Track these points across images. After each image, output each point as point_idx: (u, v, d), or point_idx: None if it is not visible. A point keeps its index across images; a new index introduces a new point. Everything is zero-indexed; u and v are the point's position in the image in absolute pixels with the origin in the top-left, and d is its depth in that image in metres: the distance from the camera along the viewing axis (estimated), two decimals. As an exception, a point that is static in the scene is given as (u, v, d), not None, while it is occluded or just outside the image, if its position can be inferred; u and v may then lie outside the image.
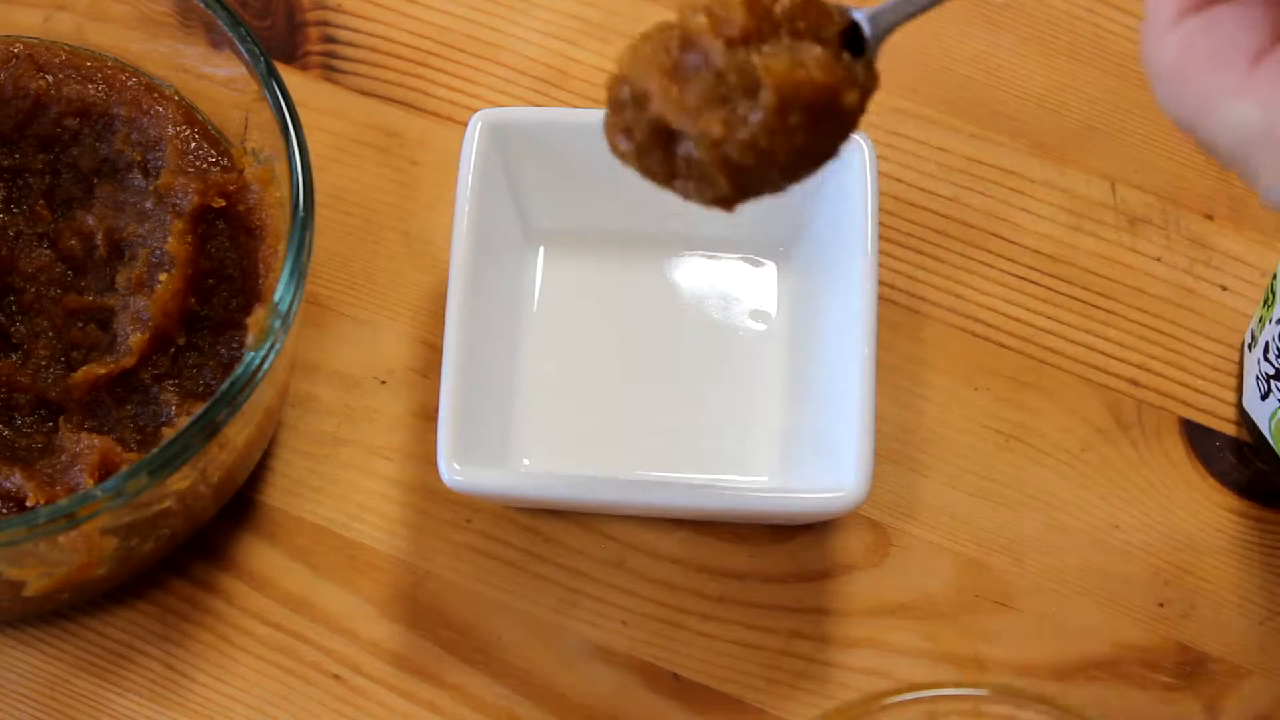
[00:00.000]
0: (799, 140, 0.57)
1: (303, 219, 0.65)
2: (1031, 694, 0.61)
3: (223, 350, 0.69)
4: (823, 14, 0.58)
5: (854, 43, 0.58)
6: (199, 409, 0.63)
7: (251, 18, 0.79)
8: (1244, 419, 0.73)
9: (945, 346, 0.74)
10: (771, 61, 0.56)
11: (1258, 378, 0.70)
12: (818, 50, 0.57)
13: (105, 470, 0.66)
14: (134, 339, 0.68)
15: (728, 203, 0.58)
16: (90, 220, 0.71)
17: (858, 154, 0.70)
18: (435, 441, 0.67)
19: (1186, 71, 0.48)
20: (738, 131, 0.56)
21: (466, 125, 0.71)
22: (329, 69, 0.79)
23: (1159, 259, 0.76)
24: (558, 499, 0.70)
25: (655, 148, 0.58)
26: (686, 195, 0.58)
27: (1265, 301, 0.70)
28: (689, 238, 0.73)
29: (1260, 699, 0.70)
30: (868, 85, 0.58)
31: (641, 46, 0.59)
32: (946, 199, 0.77)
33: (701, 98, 0.57)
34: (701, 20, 0.58)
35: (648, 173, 0.58)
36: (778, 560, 0.72)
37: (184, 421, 0.64)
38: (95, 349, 0.70)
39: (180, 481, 0.65)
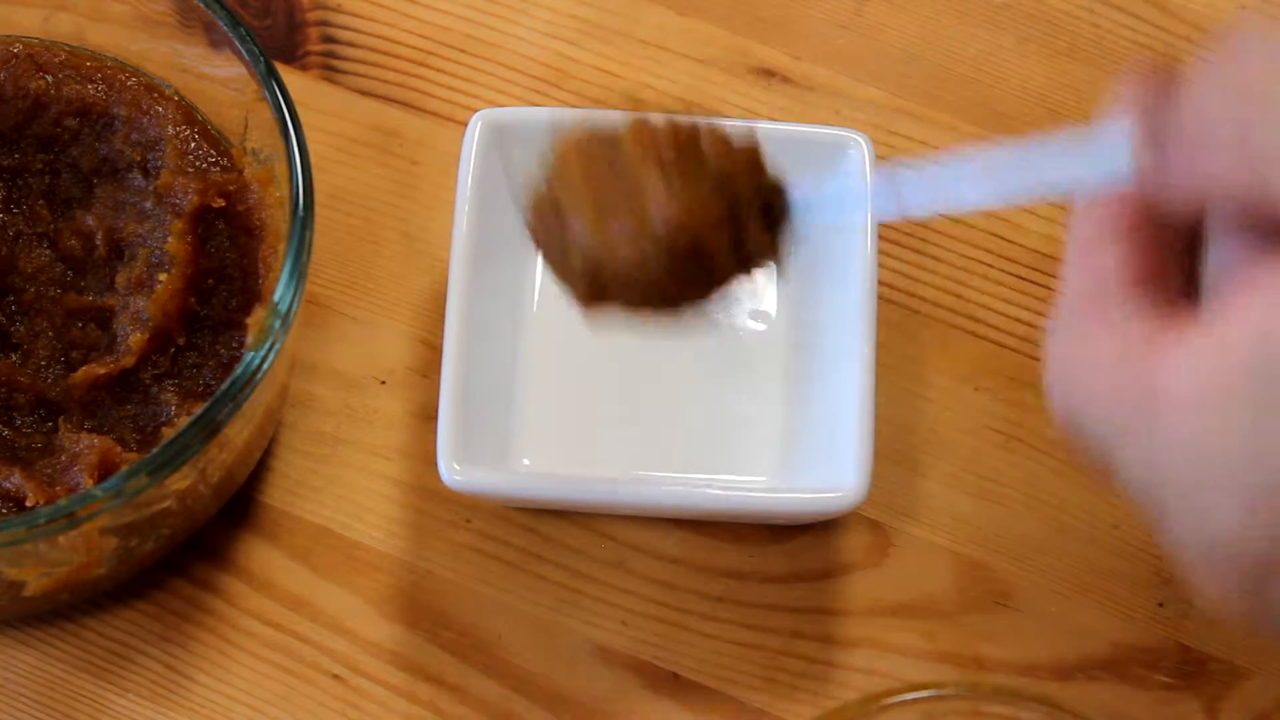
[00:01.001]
0: (658, 271, 0.58)
1: (303, 219, 0.65)
2: (1031, 694, 0.61)
3: (223, 350, 0.69)
4: (756, 174, 0.59)
5: (774, 212, 0.59)
6: (199, 409, 0.63)
7: (251, 18, 0.79)
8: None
9: (945, 346, 0.74)
10: (668, 195, 0.57)
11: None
12: (704, 194, 0.58)
13: (105, 470, 0.66)
14: (134, 339, 0.68)
15: (580, 298, 0.59)
16: (90, 220, 0.71)
17: (858, 154, 0.70)
18: (435, 441, 0.67)
19: (1069, 364, 0.50)
20: (607, 234, 0.58)
21: (466, 125, 0.71)
22: (329, 69, 0.79)
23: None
24: (558, 499, 0.70)
25: (552, 220, 0.60)
26: (556, 271, 0.60)
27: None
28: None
29: (1260, 699, 0.69)
30: (758, 254, 0.59)
31: (579, 127, 0.60)
32: (946, 199, 0.77)
33: (594, 188, 0.58)
34: (632, 126, 0.59)
35: (533, 233, 0.60)
36: (778, 560, 0.71)
37: (184, 421, 0.64)
38: (95, 349, 0.70)
39: (180, 481, 0.65)
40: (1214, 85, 0.47)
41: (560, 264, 0.60)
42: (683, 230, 0.57)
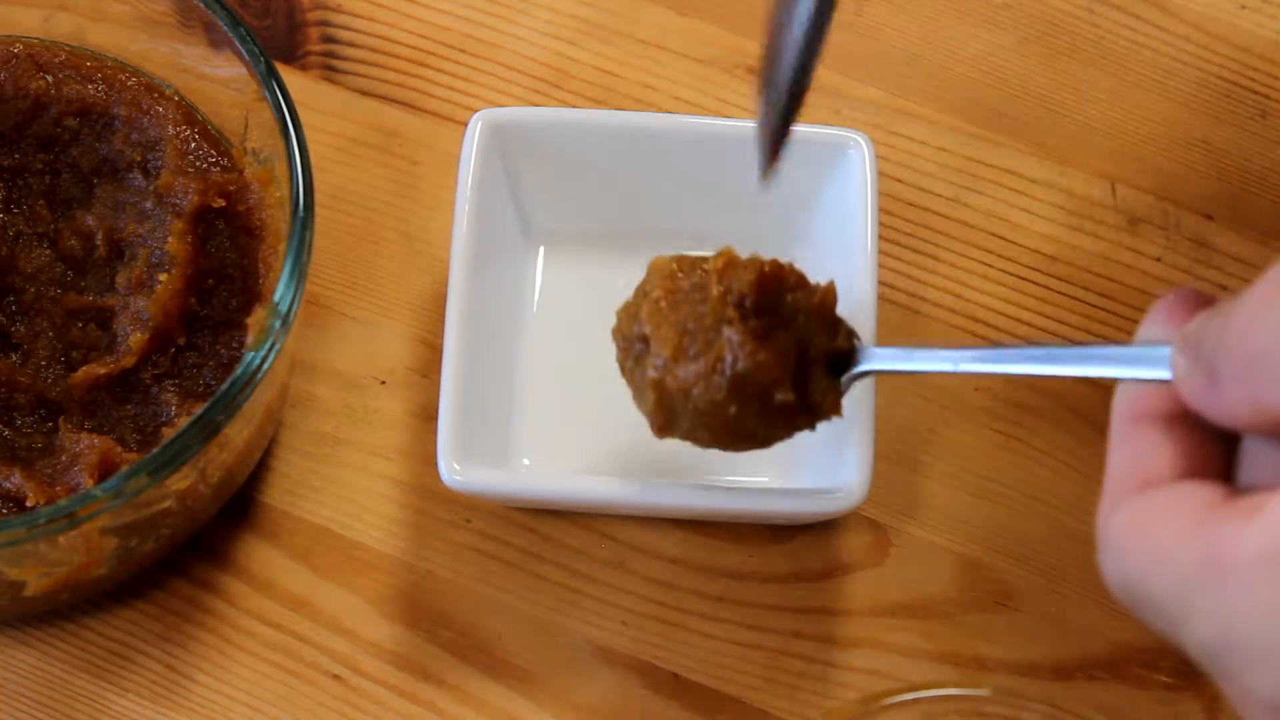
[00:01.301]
0: (726, 414, 0.63)
1: (303, 219, 0.65)
2: (1031, 694, 0.61)
3: (223, 350, 0.69)
4: (829, 323, 0.63)
5: (839, 363, 0.64)
6: (199, 409, 0.63)
7: (251, 18, 0.79)
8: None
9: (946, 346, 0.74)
10: (747, 342, 0.62)
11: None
12: (777, 349, 0.62)
13: (105, 470, 0.66)
14: (134, 339, 0.68)
15: (654, 426, 0.64)
16: (90, 220, 0.71)
17: (858, 154, 0.70)
18: (435, 441, 0.67)
19: (1128, 540, 0.51)
20: (681, 372, 0.62)
21: (466, 125, 0.71)
22: (329, 69, 0.79)
23: (1159, 259, 0.76)
24: (558, 499, 0.70)
25: (638, 348, 0.64)
26: (636, 397, 0.65)
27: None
28: (689, 238, 0.73)
29: (1260, 699, 0.69)
30: (822, 408, 0.63)
31: (673, 258, 0.65)
32: (946, 199, 0.77)
33: (676, 324, 0.63)
34: (719, 262, 0.63)
35: (621, 356, 0.65)
36: (778, 560, 0.72)
37: (184, 421, 0.64)
38: (95, 349, 0.70)
39: (180, 481, 0.65)
40: (1269, 314, 0.48)
41: (638, 390, 0.64)
42: (752, 381, 0.62)
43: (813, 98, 0.78)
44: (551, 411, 0.72)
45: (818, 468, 0.69)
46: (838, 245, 0.70)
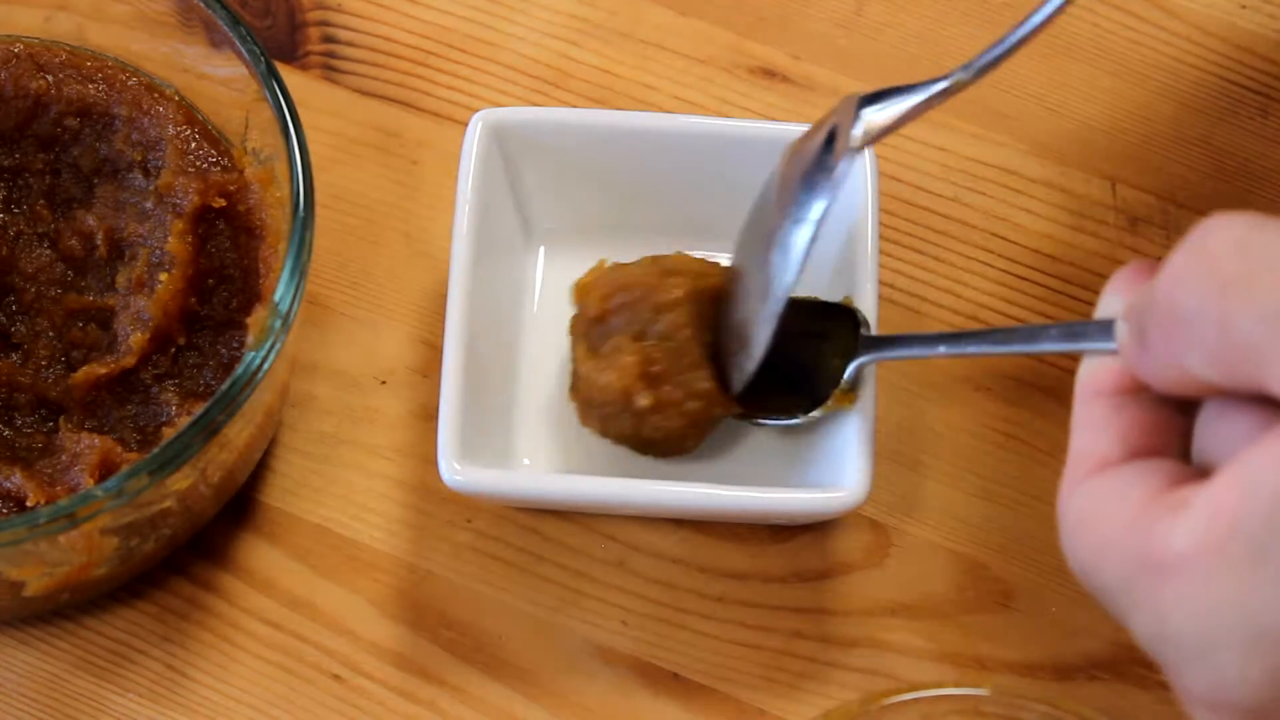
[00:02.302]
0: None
1: (303, 219, 0.65)
2: (1031, 694, 0.61)
3: (223, 350, 0.69)
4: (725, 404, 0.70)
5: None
6: (199, 409, 0.63)
7: (251, 18, 0.79)
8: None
9: (945, 346, 0.74)
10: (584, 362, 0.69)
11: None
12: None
13: (105, 470, 0.66)
14: (134, 339, 0.68)
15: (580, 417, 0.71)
16: (90, 220, 0.71)
17: (858, 154, 0.70)
18: (435, 441, 0.67)
19: (1079, 528, 0.53)
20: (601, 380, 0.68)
21: (466, 125, 0.71)
22: (329, 69, 0.79)
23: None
24: (558, 499, 0.70)
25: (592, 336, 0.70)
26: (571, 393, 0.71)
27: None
28: (689, 237, 0.73)
29: (1260, 699, 0.69)
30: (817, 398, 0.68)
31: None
32: (947, 199, 0.77)
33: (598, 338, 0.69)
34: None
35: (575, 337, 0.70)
36: (778, 560, 0.71)
37: (184, 421, 0.64)
38: (95, 349, 0.70)
39: (180, 481, 0.65)
40: (1189, 277, 0.50)
41: (573, 384, 0.71)
42: (605, 398, 0.68)
43: (812, 97, 0.78)
44: (552, 411, 0.72)
45: (818, 468, 0.69)
46: (838, 245, 0.70)
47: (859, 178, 0.70)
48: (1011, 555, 0.72)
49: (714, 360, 0.68)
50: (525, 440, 0.72)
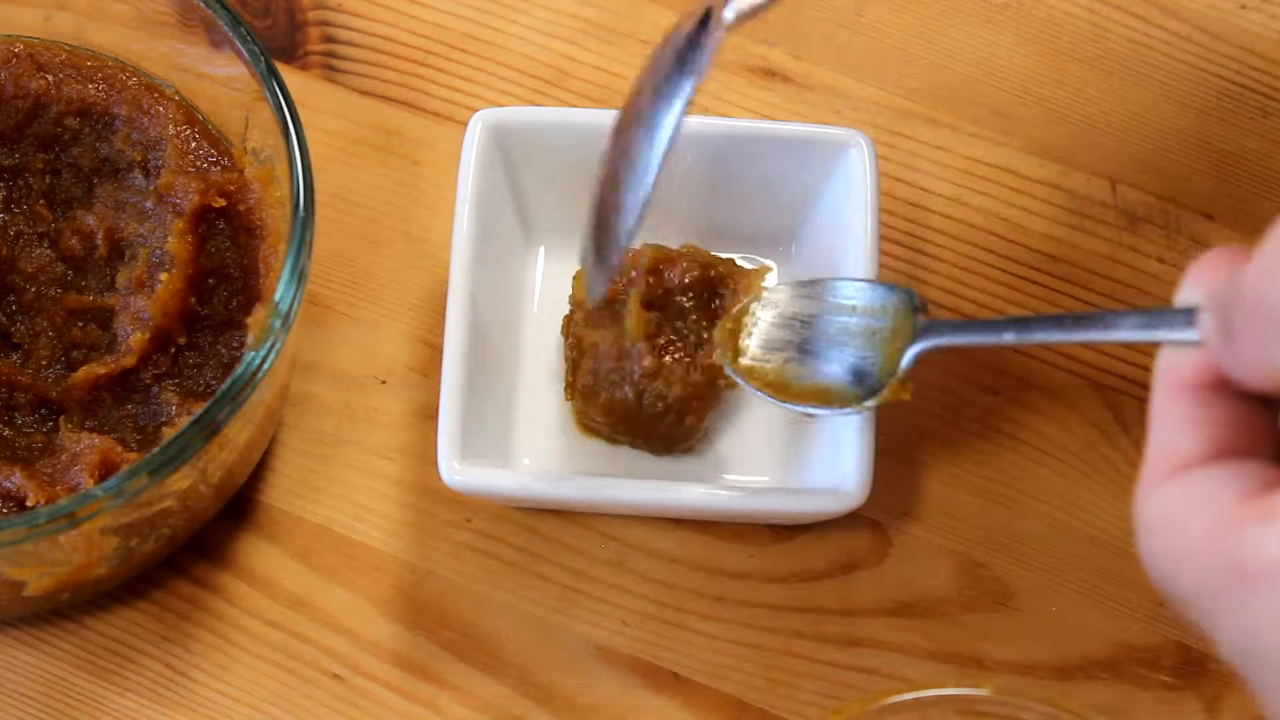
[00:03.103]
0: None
1: (303, 219, 0.65)
2: (1031, 694, 0.61)
3: (223, 350, 0.69)
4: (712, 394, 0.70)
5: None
6: (199, 409, 0.63)
7: (251, 17, 0.79)
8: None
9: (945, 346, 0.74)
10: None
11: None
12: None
13: (105, 470, 0.66)
14: (134, 339, 0.68)
15: (576, 419, 0.73)
16: (90, 220, 0.71)
17: (858, 154, 0.70)
18: (435, 441, 0.67)
19: (1160, 531, 0.49)
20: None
21: (466, 125, 0.71)
22: (329, 69, 0.79)
23: (1159, 259, 0.76)
24: (558, 499, 0.70)
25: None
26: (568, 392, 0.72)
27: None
28: (689, 237, 0.73)
29: (1260, 699, 0.69)
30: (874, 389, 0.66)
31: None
32: (946, 199, 0.77)
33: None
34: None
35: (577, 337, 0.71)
36: (778, 560, 0.72)
37: (184, 421, 0.64)
38: (95, 349, 0.70)
39: (180, 481, 0.65)
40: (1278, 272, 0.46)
41: (569, 382, 0.71)
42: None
43: (813, 97, 0.78)
44: (552, 411, 0.72)
45: (818, 468, 0.69)
46: (838, 245, 0.70)
47: (859, 175, 0.70)
48: (1011, 555, 0.72)
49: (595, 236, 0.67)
50: (525, 440, 0.72)
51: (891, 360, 0.65)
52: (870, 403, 0.65)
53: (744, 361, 0.66)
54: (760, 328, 0.67)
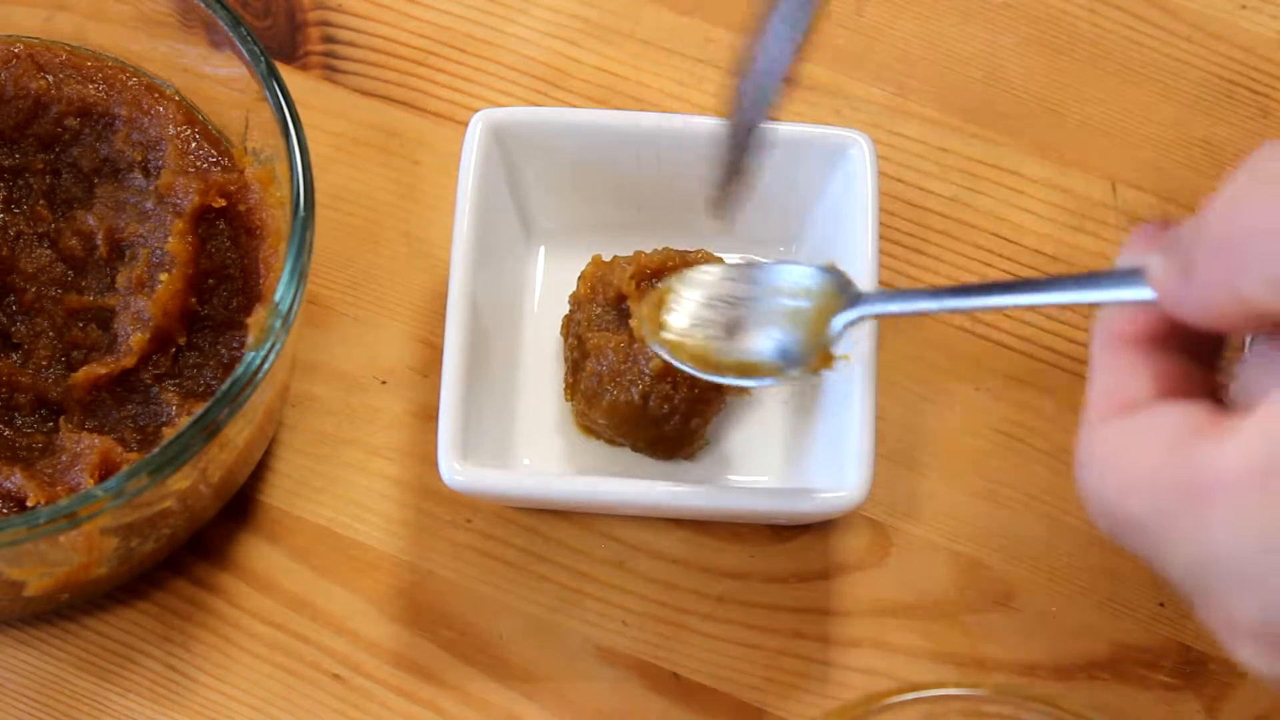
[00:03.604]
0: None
1: (303, 219, 0.65)
2: (1031, 694, 0.61)
3: (223, 350, 0.69)
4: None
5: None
6: (199, 409, 0.63)
7: (252, 18, 0.79)
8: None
9: (945, 346, 0.74)
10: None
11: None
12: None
13: (106, 470, 0.66)
14: (134, 339, 0.68)
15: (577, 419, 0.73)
16: (91, 220, 0.71)
17: (858, 154, 0.70)
18: (435, 441, 0.67)
19: (1106, 463, 0.51)
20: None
21: (466, 125, 0.71)
22: (329, 69, 0.79)
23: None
24: (558, 499, 0.70)
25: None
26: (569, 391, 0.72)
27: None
28: (689, 237, 0.73)
29: (1260, 699, 0.70)
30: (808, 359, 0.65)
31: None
32: (946, 199, 0.77)
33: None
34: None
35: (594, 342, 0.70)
36: (778, 560, 0.72)
37: (184, 421, 0.64)
38: (95, 349, 0.70)
39: (181, 481, 0.65)
40: (1249, 198, 0.48)
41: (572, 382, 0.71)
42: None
43: (813, 97, 0.78)
44: (552, 411, 0.72)
45: (818, 468, 0.69)
46: (838, 245, 0.70)
47: (859, 175, 0.70)
48: (1011, 555, 0.72)
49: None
50: (525, 440, 0.72)
51: (817, 336, 0.65)
52: (794, 372, 0.65)
53: (666, 336, 0.66)
54: (685, 305, 0.67)
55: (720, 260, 0.71)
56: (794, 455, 0.71)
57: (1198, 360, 0.52)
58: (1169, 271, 0.50)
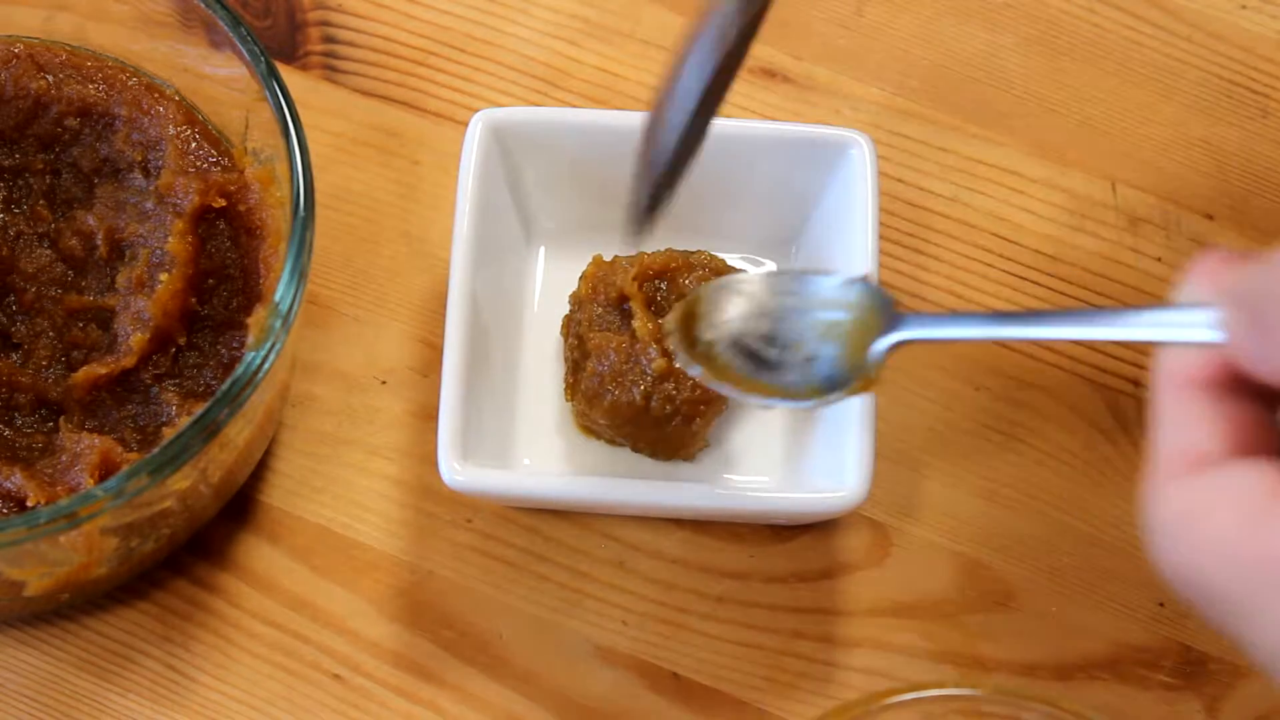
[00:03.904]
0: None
1: (303, 219, 0.65)
2: (1031, 694, 0.61)
3: (223, 350, 0.69)
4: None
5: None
6: (199, 409, 0.63)
7: (252, 18, 0.79)
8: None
9: (945, 346, 0.74)
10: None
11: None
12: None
13: (106, 470, 0.66)
14: (134, 339, 0.68)
15: (578, 420, 0.73)
16: (91, 220, 0.71)
17: (858, 154, 0.70)
18: (435, 441, 0.67)
19: (1180, 526, 0.48)
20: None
21: (466, 125, 0.71)
22: (329, 69, 0.79)
23: (1159, 259, 0.76)
24: (558, 499, 0.70)
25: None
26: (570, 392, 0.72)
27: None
28: (689, 237, 0.73)
29: (1260, 699, 0.70)
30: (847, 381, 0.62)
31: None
32: (946, 199, 0.77)
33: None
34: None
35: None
36: (778, 560, 0.72)
37: (184, 421, 0.64)
38: (95, 349, 0.70)
39: (181, 481, 0.65)
40: None
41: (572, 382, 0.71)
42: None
43: (813, 97, 0.78)
44: (552, 411, 0.72)
45: (818, 468, 0.69)
46: (838, 245, 0.70)
47: (859, 175, 0.70)
48: (1011, 555, 0.72)
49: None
50: (525, 440, 0.72)
51: (857, 354, 0.61)
52: (834, 396, 0.60)
53: (699, 350, 0.63)
54: (718, 320, 0.63)
55: (722, 261, 0.70)
56: (794, 455, 0.71)
57: (1268, 405, 0.49)
58: (1243, 325, 0.47)
